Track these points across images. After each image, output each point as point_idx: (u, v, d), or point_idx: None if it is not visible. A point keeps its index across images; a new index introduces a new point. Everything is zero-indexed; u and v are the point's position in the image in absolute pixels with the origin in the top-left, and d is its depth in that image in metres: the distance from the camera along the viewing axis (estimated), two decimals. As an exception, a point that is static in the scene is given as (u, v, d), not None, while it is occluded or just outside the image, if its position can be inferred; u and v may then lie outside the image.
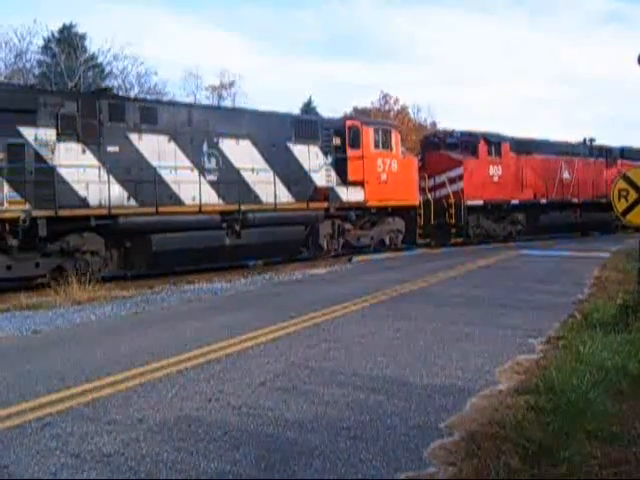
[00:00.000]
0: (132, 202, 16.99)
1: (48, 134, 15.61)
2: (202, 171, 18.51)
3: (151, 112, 17.86)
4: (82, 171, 16.04)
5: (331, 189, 21.79)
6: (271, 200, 19.93)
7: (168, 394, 6.17)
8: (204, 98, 53.40)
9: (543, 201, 30.40)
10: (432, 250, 25.08)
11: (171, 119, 18.13)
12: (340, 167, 22.28)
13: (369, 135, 22.97)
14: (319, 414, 5.54)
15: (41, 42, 40.52)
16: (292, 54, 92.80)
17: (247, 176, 19.52)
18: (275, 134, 20.48)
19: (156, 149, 17.61)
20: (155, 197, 17.08)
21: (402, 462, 4.53)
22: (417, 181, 25.17)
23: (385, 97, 62.91)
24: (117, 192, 16.64)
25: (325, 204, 21.42)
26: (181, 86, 63.87)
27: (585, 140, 34.39)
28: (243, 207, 19.08)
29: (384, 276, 16.36)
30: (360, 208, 22.75)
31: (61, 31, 41.69)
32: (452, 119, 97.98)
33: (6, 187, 14.57)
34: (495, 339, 8.43)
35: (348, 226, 22.70)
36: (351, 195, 22.32)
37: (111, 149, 16.70)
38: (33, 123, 15.38)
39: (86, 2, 71.70)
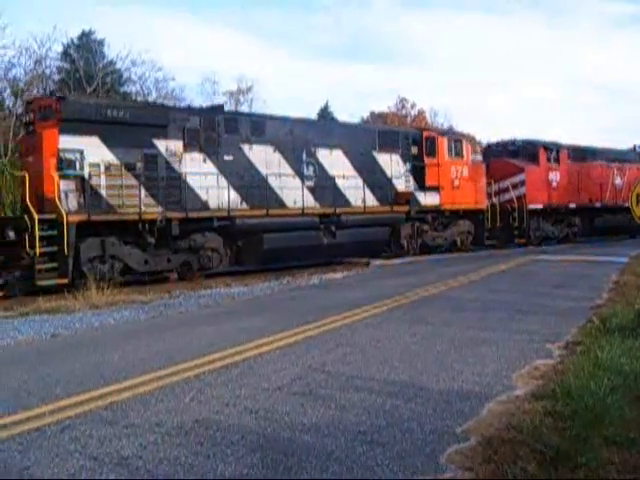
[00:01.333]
0: (244, 205, 19.49)
1: (176, 145, 18.10)
2: (302, 178, 21.02)
3: (259, 125, 20.30)
4: (204, 178, 18.47)
5: (411, 194, 24.28)
6: (359, 203, 22.54)
7: (186, 398, 6.20)
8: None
9: (597, 205, 32.33)
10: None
11: (275, 131, 20.56)
12: (417, 174, 24.65)
13: (444, 144, 25.30)
14: (336, 418, 5.55)
15: (60, 48, 40.82)
16: (309, 58, 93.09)
17: (339, 182, 22.05)
18: (362, 144, 23.01)
19: (263, 158, 20.02)
20: (265, 201, 19.68)
21: (419, 467, 4.53)
22: (485, 186, 27.24)
23: (402, 101, 62.97)
24: (232, 196, 19.05)
25: (407, 207, 23.90)
26: (198, 91, 64.08)
27: (635, 147, 36.82)
28: (338, 210, 21.62)
29: (401, 281, 16.33)
30: (435, 211, 25.10)
31: (80, 37, 41.95)
32: (469, 123, 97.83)
33: (143, 192, 17.01)
34: (512, 344, 8.40)
35: (425, 227, 25.06)
36: (428, 199, 24.70)
37: (227, 158, 19.16)
38: (164, 136, 17.83)
39: (104, 9, 72.18)
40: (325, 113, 54.88)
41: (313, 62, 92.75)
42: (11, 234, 15.32)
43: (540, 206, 29.25)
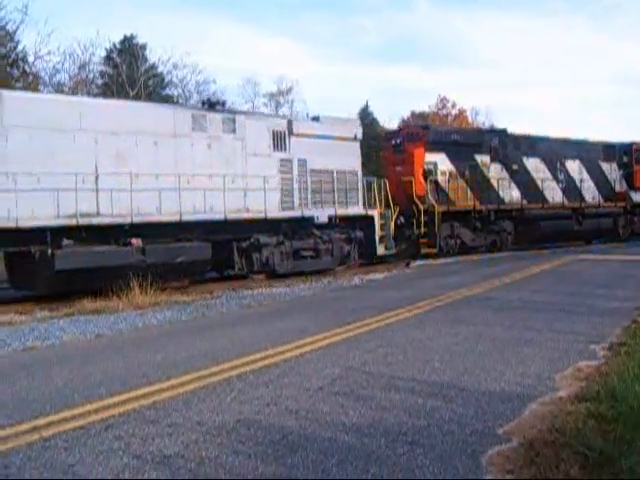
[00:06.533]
0: (524, 201, 27.48)
1: (486, 158, 26.38)
2: (557, 181, 29.37)
3: (532, 143, 28.60)
4: (501, 181, 26.74)
5: (625, 192, 32.63)
6: (591, 200, 30.89)
7: (227, 398, 6.25)
8: (262, 105, 53.79)
9: None
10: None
11: (542, 147, 28.84)
12: (627, 177, 32.78)
13: None
14: (376, 419, 5.53)
15: (103, 53, 41.43)
16: (350, 59, 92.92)
17: (578, 184, 30.40)
18: (592, 155, 31.34)
19: (535, 167, 28.41)
20: (536, 197, 28.02)
21: (460, 468, 4.49)
22: None
23: (442, 101, 62.60)
24: (518, 194, 27.37)
25: (623, 203, 32.55)
26: (239, 93, 64.40)
27: None
28: (582, 205, 30.17)
29: (443, 281, 16.25)
30: None
31: (122, 42, 42.53)
32: (511, 122, 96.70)
33: (469, 191, 25.33)
34: (555, 345, 8.30)
35: (635, 219, 33.37)
36: (637, 197, 33.15)
37: (514, 167, 27.36)
38: (479, 152, 26.17)
39: (146, 12, 73.10)
40: (365, 113, 54.77)
41: (353, 63, 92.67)
42: (401, 218, 23.00)
43: None
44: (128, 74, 39.43)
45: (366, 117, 51.05)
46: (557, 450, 4.65)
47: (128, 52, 41.42)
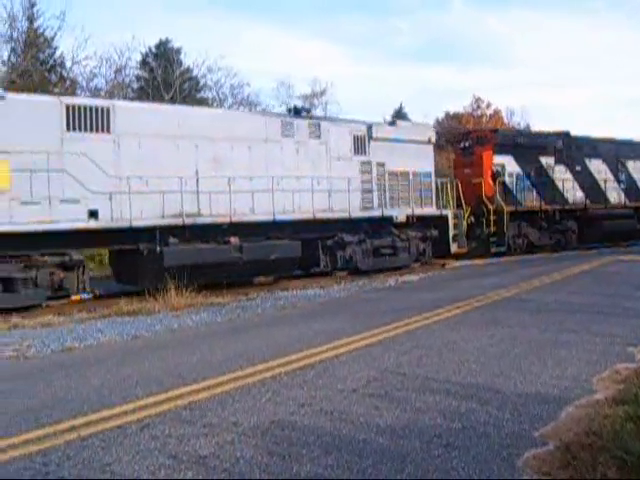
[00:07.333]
0: (587, 201, 28.32)
1: (550, 160, 27.33)
2: (618, 181, 30.26)
3: (594, 145, 29.40)
4: (565, 182, 27.66)
5: None
6: None
7: (262, 399, 6.28)
8: (296, 107, 53.77)
9: None
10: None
11: (603, 149, 29.79)
12: None
13: None
14: (411, 421, 5.52)
15: (139, 57, 41.82)
16: (385, 61, 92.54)
17: (639, 184, 31.24)
18: None
19: (597, 168, 29.22)
20: (598, 197, 28.93)
21: (495, 471, 4.46)
22: None
23: (477, 101, 62.13)
24: (582, 195, 28.25)
25: None
26: (273, 96, 64.49)
27: None
28: None
29: (478, 282, 16.13)
30: None
31: (157, 46, 42.89)
32: (547, 122, 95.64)
33: (534, 191, 26.63)
34: (592, 347, 8.20)
35: None
36: None
37: (577, 168, 28.23)
38: (544, 154, 27.12)
39: (181, 16, 73.63)
40: (399, 114, 54.58)
41: (388, 64, 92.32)
42: (472, 218, 24.16)
43: None
44: (163, 78, 39.74)
45: (400, 118, 50.85)
46: (594, 453, 4.59)
47: (163, 56, 41.77)
